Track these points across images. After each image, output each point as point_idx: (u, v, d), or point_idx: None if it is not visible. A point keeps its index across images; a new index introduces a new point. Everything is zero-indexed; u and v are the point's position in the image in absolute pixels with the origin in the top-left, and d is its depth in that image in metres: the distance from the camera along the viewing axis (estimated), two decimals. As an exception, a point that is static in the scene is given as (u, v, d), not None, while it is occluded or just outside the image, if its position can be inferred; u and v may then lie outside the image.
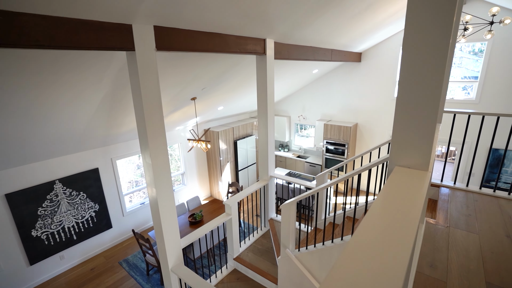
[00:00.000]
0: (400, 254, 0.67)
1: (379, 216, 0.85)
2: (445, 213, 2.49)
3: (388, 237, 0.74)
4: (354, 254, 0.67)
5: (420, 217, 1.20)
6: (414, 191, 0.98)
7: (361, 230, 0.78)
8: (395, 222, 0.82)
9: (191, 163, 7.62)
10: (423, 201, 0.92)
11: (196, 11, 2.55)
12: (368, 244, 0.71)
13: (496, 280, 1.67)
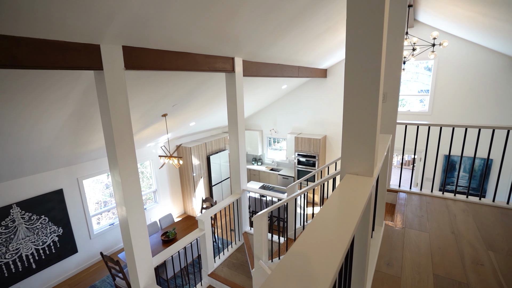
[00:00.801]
0: (340, 245, 0.80)
1: (326, 216, 0.98)
2: (401, 216, 2.73)
3: (331, 233, 0.87)
4: (300, 246, 0.78)
5: (363, 215, 1.36)
6: (359, 194, 1.14)
7: (309, 228, 0.90)
8: (339, 220, 0.95)
9: (163, 180, 7.46)
10: (365, 201, 1.07)
11: (164, 32, 2.65)
12: (314, 239, 0.82)
13: (441, 272, 1.87)
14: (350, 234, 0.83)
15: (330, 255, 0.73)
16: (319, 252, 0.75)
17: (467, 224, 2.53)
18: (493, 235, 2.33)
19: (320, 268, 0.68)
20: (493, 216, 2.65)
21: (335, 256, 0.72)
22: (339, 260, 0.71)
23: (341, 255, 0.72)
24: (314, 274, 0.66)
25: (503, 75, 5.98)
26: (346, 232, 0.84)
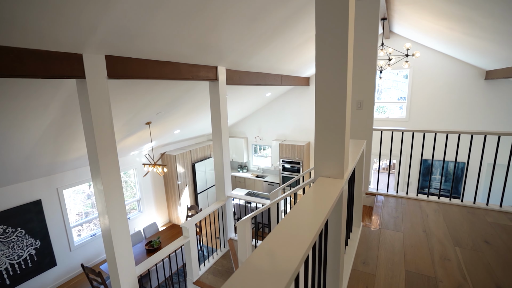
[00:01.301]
0: (305, 241, 0.88)
1: (294, 216, 1.06)
2: (378, 217, 2.87)
3: (298, 231, 0.95)
4: (266, 244, 0.86)
5: (334, 215, 1.46)
6: (328, 195, 1.23)
7: (277, 227, 0.98)
8: (307, 219, 1.04)
9: (147, 188, 7.36)
10: (333, 201, 1.17)
11: (148, 42, 2.71)
12: (281, 237, 0.90)
13: (412, 268, 2.00)
14: (315, 231, 0.92)
15: (294, 251, 0.80)
16: (284, 249, 0.83)
17: (437, 223, 2.69)
18: (460, 232, 2.49)
19: (283, 263, 0.75)
20: (461, 215, 2.84)
21: (299, 252, 0.80)
22: (302, 256, 0.78)
23: (303, 251, 0.80)
24: (277, 269, 0.74)
25: (471, 84, 6.40)
26: (312, 229, 0.93)
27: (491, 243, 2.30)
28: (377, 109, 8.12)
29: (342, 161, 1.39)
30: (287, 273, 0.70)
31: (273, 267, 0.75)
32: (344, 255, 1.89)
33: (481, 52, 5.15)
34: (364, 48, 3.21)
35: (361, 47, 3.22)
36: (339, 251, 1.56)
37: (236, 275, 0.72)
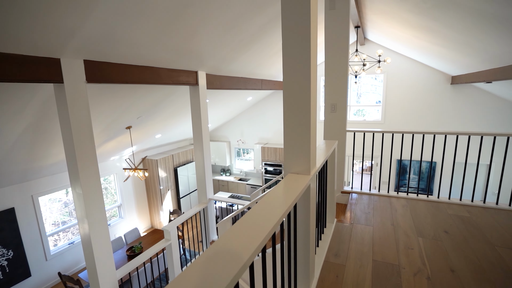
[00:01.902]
0: (267, 225, 0.99)
1: (260, 206, 1.17)
2: (351, 213, 3.04)
3: (260, 221, 1.05)
4: (235, 229, 0.96)
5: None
6: (295, 188, 1.36)
7: (250, 212, 1.08)
8: (274, 206, 1.15)
9: (128, 194, 7.25)
10: (299, 191, 1.30)
11: (127, 47, 2.77)
12: (242, 229, 1.00)
13: (379, 257, 2.16)
14: (276, 220, 1.04)
15: (251, 241, 0.90)
16: (243, 239, 0.92)
17: (405, 217, 2.90)
18: (424, 224, 2.71)
19: (240, 253, 0.85)
20: (426, 209, 3.07)
21: (255, 241, 0.90)
22: (258, 245, 0.88)
23: (260, 240, 0.90)
24: (234, 258, 0.83)
25: (439, 88, 6.84)
26: (274, 217, 1.04)
27: (449, 232, 2.52)
28: (356, 112, 8.46)
29: (308, 159, 1.53)
30: (243, 259, 0.80)
31: (236, 248, 0.86)
32: (314, 247, 2.03)
33: (446, 59, 5.56)
34: (336, 55, 3.41)
35: (334, 54, 3.42)
36: (308, 245, 1.68)
37: (204, 255, 0.83)
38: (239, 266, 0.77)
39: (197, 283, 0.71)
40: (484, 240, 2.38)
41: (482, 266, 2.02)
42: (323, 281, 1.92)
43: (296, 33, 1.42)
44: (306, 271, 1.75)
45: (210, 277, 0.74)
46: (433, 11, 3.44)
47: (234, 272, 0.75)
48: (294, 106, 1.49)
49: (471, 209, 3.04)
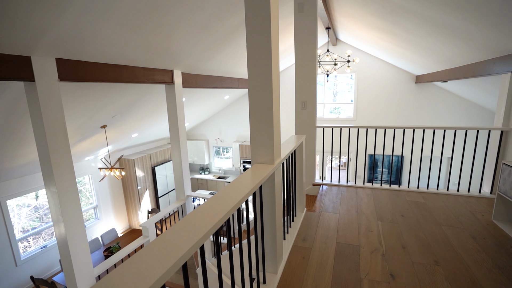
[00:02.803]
0: (234, 200, 1.14)
1: (230, 188, 1.32)
2: (320, 203, 3.27)
3: (227, 199, 1.20)
4: (197, 211, 1.10)
5: (269, 197, 1.75)
6: (259, 175, 1.52)
7: (218, 193, 1.23)
8: (236, 191, 1.30)
9: (105, 195, 7.12)
10: (262, 177, 1.46)
11: (101, 46, 2.80)
12: (204, 209, 1.15)
13: (342, 240, 2.39)
14: (242, 196, 1.19)
15: (216, 214, 1.05)
16: (208, 213, 1.07)
17: (368, 204, 3.17)
18: (384, 210, 2.98)
19: (204, 225, 0.99)
20: (388, 197, 3.36)
21: (219, 215, 1.05)
22: (222, 216, 1.04)
23: (225, 213, 1.06)
24: (203, 222, 0.98)
25: (404, 87, 7.32)
26: (239, 195, 1.20)
27: (405, 216, 2.81)
28: (332, 110, 8.81)
29: (272, 151, 1.69)
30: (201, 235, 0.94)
31: (199, 222, 1.00)
32: (282, 233, 2.21)
33: (408, 60, 5.98)
34: (305, 55, 3.61)
35: (303, 54, 3.62)
36: (274, 230, 1.85)
37: (175, 227, 0.96)
38: (203, 233, 0.92)
39: (159, 254, 0.84)
40: (433, 221, 2.68)
41: (428, 242, 2.30)
42: (291, 262, 2.11)
43: (259, 36, 1.57)
44: (274, 254, 1.92)
45: (176, 245, 0.87)
46: (392, 16, 3.75)
47: (201, 234, 0.89)
48: (258, 103, 1.65)
49: (426, 195, 3.37)
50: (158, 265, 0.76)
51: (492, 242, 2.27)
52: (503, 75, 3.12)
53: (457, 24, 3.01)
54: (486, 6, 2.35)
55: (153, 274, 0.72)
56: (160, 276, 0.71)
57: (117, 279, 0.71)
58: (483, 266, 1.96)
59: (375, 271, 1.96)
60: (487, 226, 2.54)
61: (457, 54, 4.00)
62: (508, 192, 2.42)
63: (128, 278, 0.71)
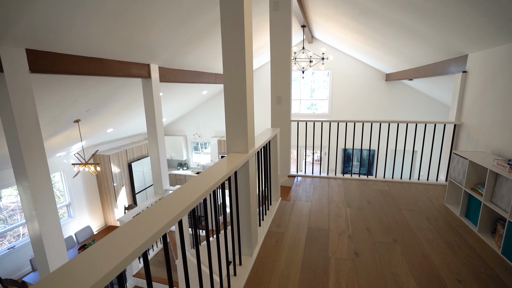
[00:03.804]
0: (209, 183, 1.25)
1: (206, 173, 1.43)
2: (295, 193, 3.45)
3: (200, 186, 1.31)
4: (177, 192, 1.20)
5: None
6: (234, 162, 1.64)
7: (196, 177, 1.33)
8: (212, 175, 1.42)
9: (78, 192, 6.90)
10: (236, 164, 1.58)
11: (75, 38, 2.77)
12: (189, 187, 1.25)
13: (313, 225, 2.57)
14: (217, 180, 1.31)
15: (193, 194, 1.17)
16: (192, 189, 1.19)
17: (338, 193, 3.40)
18: (353, 197, 3.22)
19: (181, 203, 1.10)
20: (357, 186, 3.61)
21: (195, 194, 1.16)
22: (199, 195, 1.15)
23: (201, 193, 1.17)
24: (176, 206, 1.08)
25: (376, 84, 7.73)
26: (214, 179, 1.31)
27: (371, 202, 3.06)
28: (309, 107, 9.09)
29: (246, 141, 1.82)
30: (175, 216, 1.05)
31: (177, 201, 1.10)
32: (257, 219, 2.36)
33: (378, 58, 6.34)
34: (280, 52, 3.75)
35: (279, 51, 3.76)
36: (249, 216, 1.98)
37: (154, 206, 1.06)
38: (182, 208, 1.02)
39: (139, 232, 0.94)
40: (395, 206, 2.95)
41: (389, 224, 2.54)
42: (265, 246, 2.26)
43: (233, 32, 1.68)
44: (249, 238, 2.05)
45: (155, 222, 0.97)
46: (361, 17, 3.99)
47: (179, 210, 1.00)
48: (233, 95, 1.76)
49: (391, 184, 3.66)
50: (136, 239, 0.82)
51: (442, 222, 2.56)
52: (456, 74, 3.45)
53: (418, 27, 3.28)
54: (441, 11, 2.61)
55: (131, 246, 0.79)
56: (139, 245, 0.79)
57: (95, 254, 0.75)
58: (433, 242, 2.23)
59: (342, 251, 2.16)
60: (440, 209, 2.84)
61: (419, 54, 4.33)
62: (457, 178, 2.72)
63: (107, 250, 0.77)
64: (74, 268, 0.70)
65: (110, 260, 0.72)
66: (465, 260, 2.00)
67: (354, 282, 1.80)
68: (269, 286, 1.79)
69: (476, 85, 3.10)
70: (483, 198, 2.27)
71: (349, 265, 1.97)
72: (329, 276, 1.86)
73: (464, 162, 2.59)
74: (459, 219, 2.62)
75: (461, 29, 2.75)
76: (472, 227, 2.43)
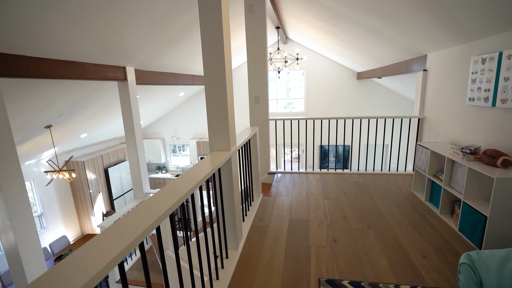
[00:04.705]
0: (195, 180, 1.34)
1: (192, 170, 1.51)
2: (275, 189, 3.59)
3: (187, 183, 1.39)
4: (164, 189, 1.27)
5: (227, 181, 1.98)
6: (217, 159, 1.73)
7: (181, 175, 1.40)
8: (197, 172, 1.50)
9: (51, 201, 6.59)
10: (220, 161, 1.67)
11: (46, 41, 2.70)
12: (175, 184, 1.33)
13: (294, 217, 2.72)
14: (202, 176, 1.39)
15: (179, 191, 1.24)
16: (167, 195, 1.26)
17: (317, 187, 3.58)
18: (330, 190, 3.41)
19: (170, 199, 1.17)
20: (333, 179, 3.82)
21: (182, 192, 1.24)
22: (185, 192, 1.23)
23: (187, 190, 1.25)
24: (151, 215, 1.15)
25: (348, 82, 8.09)
26: (200, 175, 1.39)
27: (347, 194, 3.26)
28: (286, 106, 9.30)
29: (228, 139, 1.91)
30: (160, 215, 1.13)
31: (166, 196, 1.18)
32: (241, 215, 2.46)
33: (349, 58, 6.66)
34: (256, 53, 3.87)
35: (255, 52, 3.87)
36: (233, 212, 2.08)
37: (140, 205, 1.12)
38: (172, 202, 1.10)
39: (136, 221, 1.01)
40: (368, 195, 3.17)
41: (363, 212, 2.75)
42: (250, 239, 2.36)
43: (212, 34, 1.76)
44: (235, 232, 2.15)
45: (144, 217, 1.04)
46: (331, 19, 4.21)
47: (168, 206, 1.07)
48: (214, 95, 1.85)
49: (365, 176, 3.91)
50: (119, 243, 0.80)
51: (410, 207, 2.81)
52: (418, 72, 3.76)
53: (383, 29, 3.54)
54: (402, 15, 2.85)
55: (115, 250, 0.77)
56: (124, 247, 0.78)
57: (75, 262, 0.72)
58: (402, 225, 2.45)
59: (321, 238, 2.32)
60: (408, 196, 3.10)
61: (385, 54, 4.64)
62: (422, 167, 2.99)
63: (93, 254, 0.75)
64: (55, 277, 0.66)
65: (92, 266, 0.69)
66: (429, 239, 2.23)
67: (333, 266, 1.95)
68: (255, 275, 1.90)
69: (435, 82, 3.41)
70: (442, 183, 2.53)
71: (328, 251, 2.13)
72: (311, 262, 2.00)
73: (427, 152, 2.86)
74: (424, 204, 2.88)
75: (419, 31, 3.03)
76: (435, 210, 2.69)
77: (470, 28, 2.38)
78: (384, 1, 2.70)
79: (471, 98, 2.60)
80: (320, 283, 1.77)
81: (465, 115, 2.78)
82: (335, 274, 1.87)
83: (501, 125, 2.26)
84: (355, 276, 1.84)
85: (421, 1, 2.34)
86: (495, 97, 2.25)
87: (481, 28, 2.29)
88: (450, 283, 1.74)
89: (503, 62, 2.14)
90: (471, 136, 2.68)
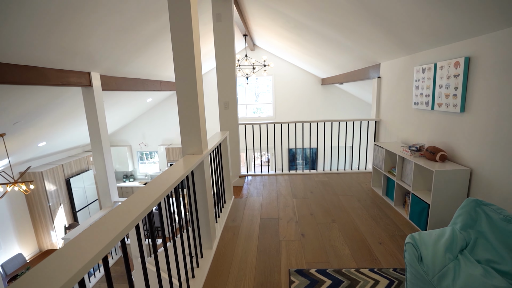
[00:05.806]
0: (168, 183, 1.41)
1: (165, 174, 1.58)
2: (246, 191, 3.71)
3: (160, 185, 1.46)
4: (138, 192, 1.34)
5: (201, 185, 2.06)
6: (190, 162, 1.81)
7: (154, 179, 1.47)
8: (171, 175, 1.57)
9: (3, 217, 6.03)
10: (192, 164, 1.75)
11: (3, 45, 2.58)
12: (149, 187, 1.39)
13: (265, 216, 2.86)
14: (176, 179, 1.47)
15: (152, 195, 1.31)
16: (135, 204, 1.33)
17: (285, 187, 3.76)
18: (298, 189, 3.62)
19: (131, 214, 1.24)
20: (301, 180, 4.04)
21: (154, 196, 1.32)
22: (158, 196, 1.30)
23: (160, 193, 1.32)
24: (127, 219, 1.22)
25: (313, 88, 8.52)
26: (173, 179, 1.47)
27: (314, 192, 3.48)
28: (255, 111, 9.50)
29: (200, 142, 2.00)
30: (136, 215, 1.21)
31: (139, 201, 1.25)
32: (214, 216, 2.54)
33: (314, 65, 7.06)
34: (225, 60, 4.00)
35: (223, 59, 4.00)
36: (207, 213, 2.16)
37: (120, 206, 1.18)
38: (148, 203, 1.17)
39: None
40: (333, 192, 3.42)
41: (328, 208, 2.97)
42: (223, 239, 2.45)
43: (183, 42, 1.86)
44: (208, 233, 2.23)
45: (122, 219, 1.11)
46: (296, 29, 4.48)
47: (145, 206, 1.14)
48: (185, 99, 1.93)
49: (330, 175, 4.19)
50: (94, 246, 0.80)
51: (369, 202, 3.10)
52: (373, 79, 4.15)
53: (341, 40, 3.87)
54: (355, 28, 3.17)
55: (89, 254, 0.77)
56: (99, 250, 0.80)
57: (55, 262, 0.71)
58: (362, 217, 2.70)
59: (290, 234, 2.48)
60: (368, 191, 3.41)
61: (345, 62, 5.03)
62: (378, 165, 3.31)
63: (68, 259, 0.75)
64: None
65: (53, 283, 0.65)
66: (385, 228, 2.49)
67: (302, 257, 2.11)
68: (230, 271, 1.99)
69: (388, 88, 3.80)
70: (395, 178, 2.84)
71: (297, 245, 2.29)
72: (281, 256, 2.15)
73: (382, 151, 3.17)
74: (381, 198, 3.19)
75: (372, 42, 3.38)
76: (390, 202, 3.00)
77: (412, 42, 2.74)
78: (338, 14, 2.99)
79: (416, 102, 2.96)
80: (290, 273, 1.92)
81: (412, 117, 3.15)
82: (304, 264, 2.03)
83: (439, 125, 2.61)
84: (321, 265, 2.01)
85: (371, 16, 2.64)
86: (434, 102, 2.60)
87: (420, 42, 2.65)
88: (401, 263, 1.98)
89: (437, 72, 2.50)
90: (417, 136, 3.04)
